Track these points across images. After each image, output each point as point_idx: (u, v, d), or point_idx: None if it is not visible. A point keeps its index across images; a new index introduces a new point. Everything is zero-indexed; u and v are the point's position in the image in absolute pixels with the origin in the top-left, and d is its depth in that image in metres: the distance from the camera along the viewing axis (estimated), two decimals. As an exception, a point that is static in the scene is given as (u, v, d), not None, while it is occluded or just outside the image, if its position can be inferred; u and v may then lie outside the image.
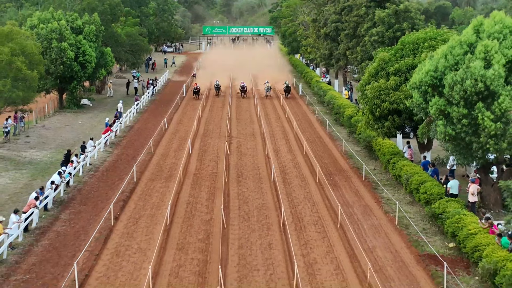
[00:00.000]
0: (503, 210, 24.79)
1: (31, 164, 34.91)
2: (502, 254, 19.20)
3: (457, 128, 23.46)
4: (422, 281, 20.47)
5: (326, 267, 21.52)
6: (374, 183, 31.29)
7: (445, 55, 24.69)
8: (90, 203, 28.52)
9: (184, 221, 26.02)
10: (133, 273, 20.92)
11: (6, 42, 33.27)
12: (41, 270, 21.21)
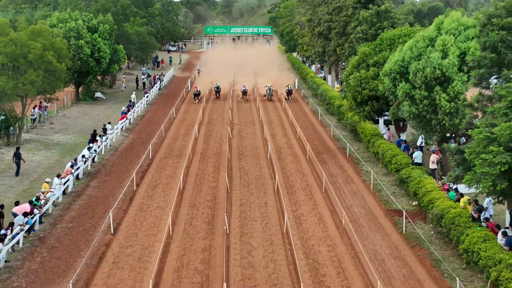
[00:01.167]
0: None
1: (59, 145, 40.00)
2: (448, 203, 24.31)
3: (420, 107, 28.52)
4: (387, 228, 25.56)
5: (311, 218, 26.60)
6: (356, 159, 36.36)
7: (411, 47, 29.78)
8: (114, 174, 33.62)
9: (195, 187, 31.11)
10: (155, 222, 26.01)
11: (37, 38, 38.32)
12: (80, 221, 26.30)
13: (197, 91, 57.78)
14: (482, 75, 22.59)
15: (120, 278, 20.63)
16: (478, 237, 20.79)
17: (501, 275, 18.48)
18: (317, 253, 22.81)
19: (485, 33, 22.49)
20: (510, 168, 18.57)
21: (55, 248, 23.35)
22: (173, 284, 20.24)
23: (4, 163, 35.02)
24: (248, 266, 21.69)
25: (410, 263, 22.01)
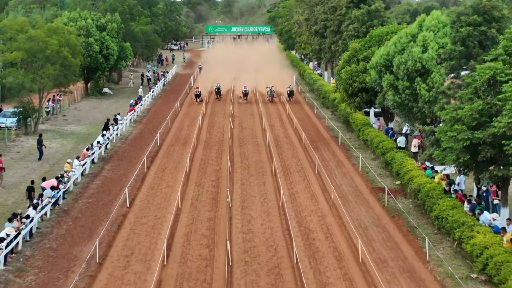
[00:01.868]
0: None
1: (73, 135, 43.24)
2: (425, 180, 27.55)
3: (402, 97, 31.74)
4: (371, 202, 28.81)
5: (304, 195, 29.84)
6: (348, 147, 39.59)
7: (395, 43, 33.02)
8: (125, 159, 36.86)
9: (200, 170, 34.36)
10: (165, 198, 29.25)
11: (53, 35, 41.51)
12: (98, 197, 29.54)
13: (198, 92, 57.38)
14: (453, 66, 25.83)
15: (137, 241, 23.86)
16: (447, 206, 24.03)
17: (463, 234, 21.71)
18: (309, 222, 26.05)
19: (455, 29, 25.73)
20: (472, 143, 21.77)
21: (78, 218, 26.59)
22: (184, 245, 23.47)
23: (25, 149, 38.26)
24: (248, 232, 24.92)
25: (389, 230, 25.26)
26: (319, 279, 20.63)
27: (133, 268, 21.46)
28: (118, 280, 20.50)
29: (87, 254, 22.16)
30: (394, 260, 22.23)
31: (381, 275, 20.69)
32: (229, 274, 20.87)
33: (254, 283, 20.35)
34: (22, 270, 21.16)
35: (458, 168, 23.12)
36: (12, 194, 29.57)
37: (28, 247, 23.13)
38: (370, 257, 22.09)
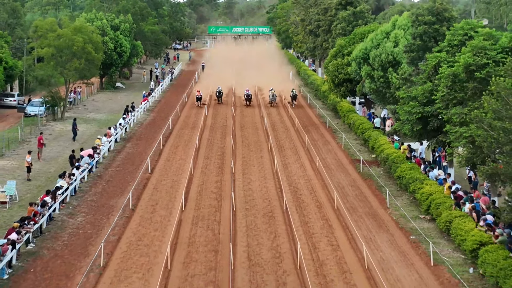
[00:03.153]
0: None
1: (95, 120, 49.41)
2: (393, 150, 33.70)
3: (377, 84, 37.89)
4: (350, 170, 34.96)
5: (294, 165, 36.00)
6: (334, 129, 45.74)
7: (372, 39, 39.19)
8: (143, 139, 43.03)
9: (207, 147, 40.53)
10: (179, 167, 35.39)
11: (78, 34, 47.66)
12: (124, 167, 35.67)
13: (199, 95, 56.33)
14: (414, 57, 31.97)
15: (160, 196, 30.01)
16: (406, 167, 30.22)
17: (416, 187, 27.88)
18: (297, 183, 32.22)
19: (415, 27, 31.86)
20: (423, 116, 27.91)
21: (110, 181, 32.76)
22: (197, 198, 29.62)
23: (56, 132, 44.44)
24: (248, 190, 31.08)
25: (361, 188, 31.44)
26: (303, 219, 26.78)
27: (158, 213, 27.61)
28: (148, 220, 26.65)
29: (122, 204, 28.27)
30: (362, 207, 28.41)
31: (351, 217, 26.82)
32: (233, 216, 27.00)
33: (252, 222, 26.48)
34: (73, 214, 27.32)
35: (411, 135, 29.23)
36: (52, 164, 35.71)
37: (73, 199, 29.27)
38: (343, 206, 28.24)
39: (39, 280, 20.68)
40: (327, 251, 23.32)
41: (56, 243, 23.93)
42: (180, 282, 20.66)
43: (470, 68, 23.46)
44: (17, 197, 29.01)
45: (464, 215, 23.52)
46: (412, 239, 24.43)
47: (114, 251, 23.15)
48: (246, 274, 21.22)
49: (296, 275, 21.21)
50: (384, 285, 20.13)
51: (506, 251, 19.98)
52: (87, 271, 21.04)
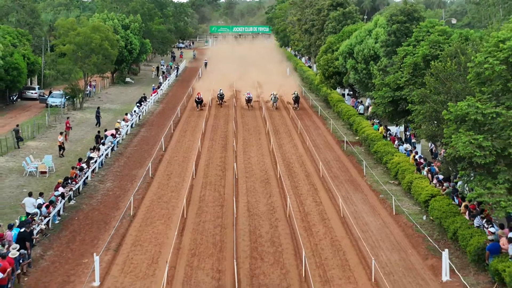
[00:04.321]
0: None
1: (110, 110, 54.98)
2: (372, 131, 39.28)
3: (361, 75, 43.42)
4: (335, 149, 40.54)
5: (288, 145, 41.59)
6: (325, 117, 51.31)
7: (356, 36, 44.75)
8: (155, 125, 48.61)
9: (212, 131, 46.11)
10: (189, 147, 40.97)
11: (96, 32, 53.21)
12: (141, 147, 41.24)
13: (199, 98, 55.04)
14: (389, 50, 37.50)
15: (173, 168, 35.56)
16: (382, 144, 35.81)
17: (387, 158, 33.45)
18: (289, 158, 37.80)
19: (389, 25, 37.42)
20: (394, 100, 33.44)
21: (130, 157, 38.34)
22: (205, 170, 35.18)
23: (77, 119, 49.97)
24: (248, 163, 36.65)
25: (344, 162, 37.01)
26: (293, 184, 32.36)
27: (173, 180, 33.20)
28: (165, 185, 32.22)
29: (142, 174, 33.84)
30: (343, 176, 34.00)
31: (333, 183, 32.38)
32: (235, 182, 32.56)
33: (251, 186, 32.05)
34: (102, 181, 32.93)
35: (385, 116, 34.79)
36: (78, 145, 41.29)
37: (101, 170, 34.86)
38: (328, 175, 33.82)
39: (83, 225, 26.26)
40: (312, 206, 28.90)
41: (92, 201, 29.54)
42: (194, 225, 26.23)
43: (427, 58, 28.97)
44: (53, 168, 34.59)
45: (422, 177, 29.10)
46: (381, 197, 30.01)
47: (140, 205, 28.74)
48: (246, 220, 26.80)
49: (286, 221, 26.78)
50: (355, 228, 25.66)
51: (449, 200, 25.53)
52: (120, 219, 26.60)
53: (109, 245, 23.54)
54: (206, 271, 21.67)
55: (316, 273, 21.43)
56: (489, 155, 18.84)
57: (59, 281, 20.75)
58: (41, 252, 22.90)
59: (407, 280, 21.04)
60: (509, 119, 18.61)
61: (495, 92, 20.03)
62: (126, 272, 21.52)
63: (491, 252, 20.16)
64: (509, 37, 19.13)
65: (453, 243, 23.42)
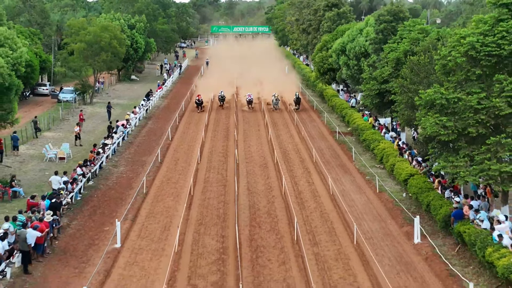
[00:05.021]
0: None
1: (119, 104, 58.39)
2: (362, 121, 42.71)
3: (352, 71, 46.84)
4: (329, 138, 44.00)
5: (285, 135, 45.03)
6: (320, 111, 54.75)
7: (348, 35, 48.16)
8: (161, 118, 52.06)
9: (215, 123, 49.55)
10: (193, 137, 44.41)
11: (105, 31, 56.62)
12: (149, 137, 44.67)
13: (199, 100, 54.72)
14: (377, 48, 40.92)
15: (180, 155, 38.99)
16: (370, 133, 39.24)
17: (375, 145, 36.86)
18: (286, 147, 41.22)
19: (377, 24, 40.84)
20: (380, 92, 36.85)
21: (140, 145, 41.79)
22: (208, 156, 38.61)
23: (88, 113, 53.37)
24: (248, 151, 40.07)
25: (336, 150, 40.45)
26: (289, 168, 35.76)
27: (180, 165, 36.62)
28: (173, 169, 35.65)
29: (152, 160, 37.25)
30: (334, 161, 37.43)
31: (325, 167, 35.77)
32: (237, 166, 35.97)
33: (251, 169, 35.46)
34: (116, 166, 36.36)
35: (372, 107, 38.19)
36: (91, 135, 44.72)
37: (114, 157, 38.28)
38: (320, 160, 37.24)
39: (102, 201, 29.70)
40: (305, 186, 32.34)
41: (108, 182, 33.00)
42: (200, 201, 29.66)
43: (408, 53, 32.36)
44: (70, 155, 38.03)
45: (404, 160, 32.53)
46: (367, 179, 33.44)
47: (151, 185, 32.17)
48: (246, 197, 30.23)
49: (281, 198, 30.20)
50: (342, 203, 29.05)
51: (425, 178, 28.92)
52: (135, 196, 30.01)
53: (126, 216, 26.94)
54: (211, 236, 25.09)
55: (307, 237, 24.84)
56: (451, 134, 22.25)
57: (85, 244, 24.18)
58: (68, 222, 26.31)
59: (385, 243, 24.45)
60: (468, 103, 22.01)
61: (459, 81, 23.42)
62: (142, 237, 24.96)
63: (455, 218, 23.55)
64: (468, 34, 22.54)
65: (426, 214, 26.83)
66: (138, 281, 20.92)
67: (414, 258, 22.97)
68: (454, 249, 23.25)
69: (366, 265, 22.29)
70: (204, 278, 21.14)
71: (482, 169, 21.42)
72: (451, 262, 21.81)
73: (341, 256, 23.06)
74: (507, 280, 19.11)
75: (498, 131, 22.08)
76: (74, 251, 23.50)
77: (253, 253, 23.26)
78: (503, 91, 21.63)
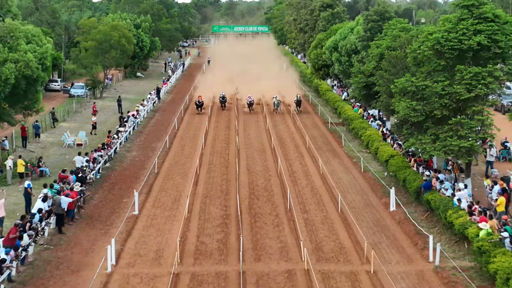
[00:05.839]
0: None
1: (126, 99, 62.33)
2: (352, 112, 46.69)
3: (344, 67, 50.79)
4: (322, 128, 47.99)
5: (281, 125, 49.04)
6: (315, 104, 58.73)
7: (340, 33, 52.13)
8: (167, 111, 56.08)
9: (217, 114, 53.55)
10: (197, 126, 48.43)
11: (115, 30, 60.59)
12: (157, 127, 48.67)
13: (200, 102, 54.48)
14: (365, 45, 44.88)
15: (185, 142, 42.99)
16: (359, 122, 43.21)
17: (362, 132, 40.85)
18: (282, 135, 45.23)
19: (366, 23, 44.80)
20: (367, 84, 40.81)
21: (149, 134, 45.81)
22: (212, 143, 42.61)
23: (99, 106, 57.29)
24: (247, 138, 44.07)
25: (328, 137, 44.45)
26: (284, 152, 39.74)
27: (186, 149, 40.63)
28: (180, 154, 39.64)
29: (161, 146, 41.23)
30: (325, 147, 41.43)
31: (317, 151, 39.72)
32: (237, 151, 39.97)
33: (250, 154, 39.45)
34: (129, 151, 40.37)
35: (359, 98, 42.13)
36: (103, 126, 48.63)
37: (126, 143, 42.28)
38: (313, 146, 41.22)
39: (118, 179, 33.71)
40: (298, 166, 36.33)
41: (123, 164, 37.03)
42: (205, 179, 33.65)
43: (390, 49, 36.31)
44: (87, 142, 42.01)
45: (387, 144, 36.51)
46: (354, 161, 37.43)
47: (161, 167, 36.17)
48: (246, 176, 34.20)
49: (277, 177, 34.17)
50: (330, 181, 33.01)
51: (404, 158, 32.89)
52: (148, 174, 34.01)
53: (141, 191, 30.90)
54: (216, 206, 29.09)
55: (298, 207, 28.82)
56: (420, 116, 26.23)
57: (108, 212, 28.20)
58: (91, 195, 30.29)
59: (365, 211, 28.43)
60: (434, 89, 25.97)
61: (429, 71, 27.40)
62: (156, 207, 28.97)
63: (425, 189, 27.48)
64: (435, 31, 26.51)
65: (403, 188, 30.78)
66: (155, 238, 24.92)
67: (389, 222, 26.98)
68: (424, 215, 27.22)
69: (347, 227, 26.29)
70: (210, 236, 25.14)
71: (445, 145, 25.40)
72: (419, 225, 25.77)
73: (327, 221, 27.06)
74: (463, 235, 23.07)
75: (459, 113, 26.05)
76: (99, 217, 27.52)
77: (252, 218, 27.26)
78: (463, 79, 25.60)
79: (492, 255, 20.09)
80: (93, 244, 24.42)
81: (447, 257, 22.19)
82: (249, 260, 22.74)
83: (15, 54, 32.37)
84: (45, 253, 23.10)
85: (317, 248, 23.89)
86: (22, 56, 32.45)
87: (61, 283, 20.86)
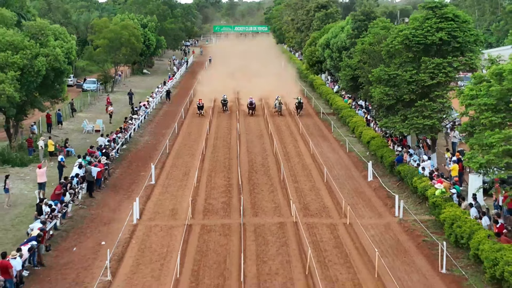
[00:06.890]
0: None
1: (136, 93, 67.33)
2: (342, 103, 51.72)
3: (335, 62, 55.82)
4: (315, 118, 53.03)
5: (279, 117, 54.05)
6: (309, 97, 63.74)
7: (332, 32, 57.16)
8: (174, 103, 61.16)
9: (220, 107, 58.64)
10: (201, 118, 53.45)
11: (125, 29, 65.61)
12: (165, 117, 53.73)
13: (200, 104, 54.58)
14: (353, 42, 49.90)
15: (192, 128, 48.06)
16: (347, 111, 48.23)
17: (349, 120, 45.88)
18: (278, 124, 50.29)
19: (353, 23, 49.83)
20: (354, 77, 45.83)
21: (159, 122, 50.88)
22: (216, 129, 47.68)
23: (111, 99, 62.44)
24: (247, 127, 49.13)
25: (321, 127, 49.51)
26: (280, 137, 44.81)
27: (193, 135, 45.71)
28: (188, 138, 44.73)
29: (170, 132, 46.28)
30: (317, 132, 46.51)
31: (309, 136, 44.73)
32: (238, 136, 45.00)
33: (250, 138, 44.51)
34: (142, 136, 45.47)
35: (347, 89, 47.15)
36: (116, 116, 53.66)
37: (139, 130, 47.35)
38: (306, 132, 46.26)
39: (134, 158, 38.79)
40: (291, 148, 41.38)
41: (137, 146, 42.11)
42: (210, 158, 38.70)
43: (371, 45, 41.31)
44: (104, 129, 47.07)
45: (370, 128, 41.56)
46: (341, 144, 42.50)
47: (172, 148, 41.24)
48: (246, 155, 39.27)
49: (273, 156, 39.23)
50: (319, 159, 38.04)
51: (383, 139, 37.91)
52: (160, 154, 39.06)
53: (156, 166, 35.95)
54: (220, 178, 34.15)
55: (290, 178, 33.88)
56: (391, 100, 31.28)
57: (128, 182, 33.27)
58: (112, 170, 35.36)
59: (347, 181, 33.49)
60: (403, 77, 31.00)
61: (400, 62, 32.44)
62: (169, 178, 34.05)
63: (397, 162, 32.53)
64: (404, 28, 31.56)
65: (380, 164, 35.83)
66: (170, 201, 30.00)
67: (366, 189, 32.07)
68: (396, 183, 32.28)
69: (331, 193, 31.35)
70: (216, 199, 30.22)
71: (412, 124, 30.47)
72: (391, 190, 30.84)
73: (314, 189, 32.13)
74: (424, 196, 28.12)
75: (424, 97, 31.09)
76: (122, 186, 32.62)
77: (251, 187, 32.33)
78: (427, 69, 30.63)
79: (443, 207, 25.15)
80: (119, 205, 29.50)
81: (410, 213, 27.27)
82: (248, 215, 27.82)
83: (45, 49, 37.33)
84: (80, 211, 28.15)
85: (304, 207, 28.97)
86: (52, 51, 37.42)
87: (96, 231, 25.92)
